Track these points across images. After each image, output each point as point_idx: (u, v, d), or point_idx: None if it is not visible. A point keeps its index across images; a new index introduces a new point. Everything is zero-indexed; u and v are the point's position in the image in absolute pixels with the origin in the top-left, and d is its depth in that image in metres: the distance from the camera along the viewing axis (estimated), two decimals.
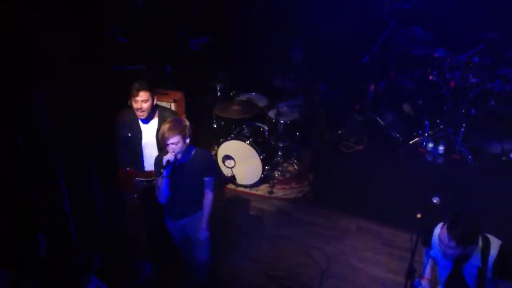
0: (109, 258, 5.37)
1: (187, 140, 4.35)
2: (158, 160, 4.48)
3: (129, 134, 5.08)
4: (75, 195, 5.49)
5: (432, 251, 4.00)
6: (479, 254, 3.68)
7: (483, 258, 3.67)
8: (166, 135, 4.22)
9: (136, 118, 5.03)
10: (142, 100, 4.83)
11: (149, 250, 5.62)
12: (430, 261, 4.16)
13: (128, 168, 5.21)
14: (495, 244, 3.70)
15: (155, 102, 4.98)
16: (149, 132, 5.05)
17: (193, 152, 4.49)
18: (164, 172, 4.31)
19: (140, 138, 5.06)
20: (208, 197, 4.60)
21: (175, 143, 4.24)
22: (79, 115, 6.27)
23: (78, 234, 5.49)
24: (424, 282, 4.15)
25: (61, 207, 5.42)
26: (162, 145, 4.35)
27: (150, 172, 4.98)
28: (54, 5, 5.28)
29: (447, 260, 3.82)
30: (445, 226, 3.58)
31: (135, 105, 4.88)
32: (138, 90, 4.80)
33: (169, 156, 4.28)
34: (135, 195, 5.28)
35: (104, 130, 6.80)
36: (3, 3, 4.59)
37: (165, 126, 4.26)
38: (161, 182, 4.37)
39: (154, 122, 5.05)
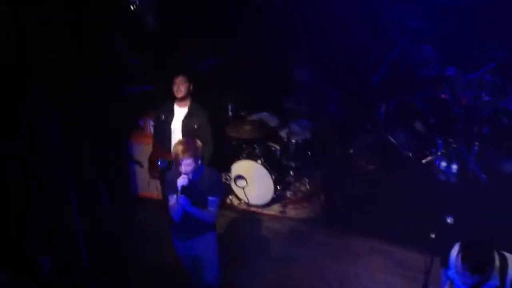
0: (117, 279, 5.37)
1: (199, 161, 4.38)
2: (170, 178, 4.48)
3: (163, 117, 5.94)
4: (86, 214, 5.51)
5: (450, 271, 3.93)
6: (498, 273, 3.63)
7: (502, 277, 3.64)
8: (180, 156, 4.24)
9: (172, 103, 5.95)
10: (180, 82, 5.78)
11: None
12: (448, 282, 4.11)
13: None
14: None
15: (191, 88, 5.86)
16: (178, 116, 5.87)
17: (203, 171, 4.49)
18: (180, 199, 4.32)
19: (170, 122, 5.88)
20: (211, 210, 4.52)
21: (189, 164, 4.27)
22: (92, 135, 6.33)
23: (88, 255, 5.49)
24: None
25: (72, 229, 5.44)
26: (175, 164, 4.35)
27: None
28: (65, 29, 5.38)
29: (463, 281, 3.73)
30: (459, 257, 3.56)
31: (174, 88, 5.81)
32: (178, 75, 5.83)
33: (182, 181, 4.29)
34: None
35: (115, 147, 6.87)
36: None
37: (179, 147, 4.28)
38: (177, 207, 4.38)
39: (185, 109, 5.88)
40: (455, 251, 3.79)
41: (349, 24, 7.94)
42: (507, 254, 3.71)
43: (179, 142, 4.39)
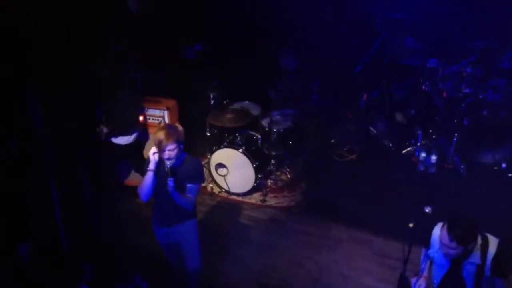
0: (101, 268, 5.34)
1: (181, 146, 4.40)
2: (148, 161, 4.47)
3: None
4: (66, 201, 5.47)
5: (430, 250, 4.05)
6: (479, 251, 3.77)
7: (482, 255, 3.77)
8: (164, 143, 4.24)
9: None
10: None
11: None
12: (427, 262, 4.19)
13: None
14: (493, 242, 3.80)
15: None
16: None
17: (183, 158, 4.49)
18: (151, 165, 4.35)
19: None
20: (190, 196, 4.53)
21: (171, 150, 4.28)
22: (73, 120, 6.27)
23: (68, 243, 5.45)
24: (421, 280, 4.20)
25: (51, 214, 5.39)
26: (158, 150, 4.33)
27: None
28: (50, 12, 5.31)
29: (446, 259, 3.88)
30: (445, 228, 3.68)
31: None
32: None
33: (168, 163, 4.32)
34: None
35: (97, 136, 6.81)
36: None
37: (161, 133, 4.27)
38: (146, 176, 4.39)
39: None
40: (438, 227, 3.91)
41: (332, 14, 7.96)
42: (488, 235, 3.82)
43: (161, 128, 4.37)
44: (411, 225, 4.28)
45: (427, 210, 4.23)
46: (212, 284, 5.45)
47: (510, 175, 6.75)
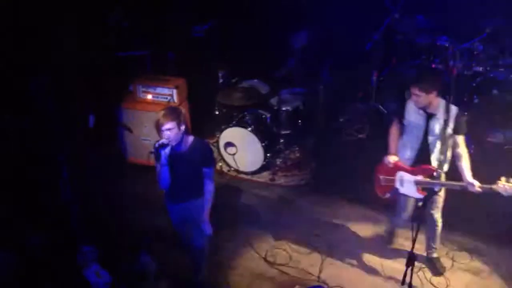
0: (109, 247, 5.40)
1: (182, 127, 4.33)
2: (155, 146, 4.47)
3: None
4: (77, 180, 5.52)
5: (405, 120, 4.83)
6: (443, 108, 4.61)
7: (446, 113, 4.59)
8: (161, 121, 4.23)
9: None
10: None
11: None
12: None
13: None
14: (454, 106, 4.66)
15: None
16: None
17: (191, 142, 4.48)
18: (163, 160, 4.31)
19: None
20: (209, 188, 4.60)
21: (169, 130, 4.24)
22: (82, 101, 6.30)
23: (78, 221, 5.52)
24: (392, 158, 4.88)
25: (62, 193, 5.44)
26: (157, 132, 4.33)
27: None
28: None
29: (420, 117, 4.69)
30: (413, 84, 4.54)
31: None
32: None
33: (163, 140, 4.27)
34: None
35: (108, 116, 6.85)
36: None
37: (160, 113, 4.27)
38: (161, 170, 4.38)
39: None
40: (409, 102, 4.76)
41: None
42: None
43: (162, 109, 4.36)
44: (420, 203, 4.36)
45: (435, 174, 4.54)
46: (220, 261, 5.50)
47: None
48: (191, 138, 4.51)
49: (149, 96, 6.82)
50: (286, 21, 8.21)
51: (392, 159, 4.88)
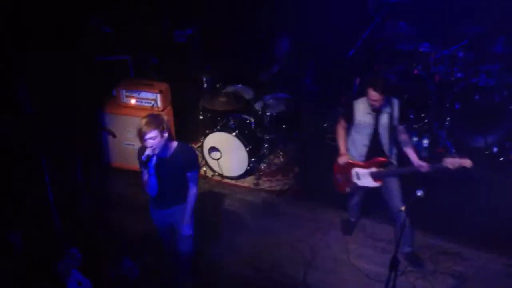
0: (92, 252, 5.35)
1: (165, 135, 4.30)
2: (140, 152, 4.44)
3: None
4: (59, 185, 5.46)
5: (357, 117, 5.11)
6: (388, 104, 5.00)
7: (390, 106, 5.02)
8: (144, 130, 4.20)
9: None
10: None
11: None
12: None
13: None
14: (395, 99, 5.08)
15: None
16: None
17: (174, 147, 4.46)
18: (150, 170, 4.30)
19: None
20: (192, 191, 4.59)
21: (152, 138, 4.21)
22: (64, 104, 6.24)
23: (60, 227, 5.46)
24: (344, 157, 5.28)
25: (44, 199, 5.38)
26: (140, 141, 4.30)
27: None
28: None
29: (370, 116, 5.02)
30: (370, 89, 4.84)
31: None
32: None
33: (148, 151, 4.25)
34: None
35: (89, 120, 6.79)
36: None
37: (143, 121, 4.24)
38: (149, 179, 4.37)
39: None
40: (357, 102, 5.13)
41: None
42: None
43: (144, 117, 4.34)
44: (402, 208, 4.33)
45: (419, 193, 4.27)
46: (205, 267, 5.47)
47: (501, 159, 6.80)
48: (174, 144, 4.49)
49: (133, 101, 6.78)
50: (269, 27, 8.25)
51: (344, 159, 5.30)
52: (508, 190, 6.31)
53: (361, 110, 5.10)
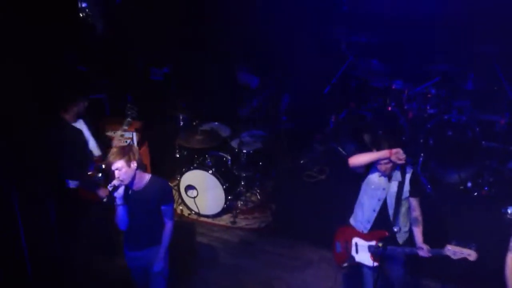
0: None
1: (133, 165, 4.23)
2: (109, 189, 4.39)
3: None
4: (31, 225, 5.33)
5: (369, 180, 4.66)
6: (399, 172, 4.53)
7: (402, 174, 4.52)
8: (110, 160, 4.17)
9: None
10: None
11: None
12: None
13: None
14: (409, 167, 4.59)
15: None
16: None
17: (147, 180, 4.41)
18: (118, 201, 4.24)
19: None
20: (168, 226, 4.53)
21: (119, 169, 4.17)
22: (34, 141, 6.14)
23: (33, 268, 5.31)
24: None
25: (16, 239, 5.25)
26: (108, 172, 4.26)
27: None
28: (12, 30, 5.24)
29: (383, 179, 4.56)
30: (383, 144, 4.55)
31: None
32: None
33: (114, 181, 4.19)
34: None
35: (59, 155, 6.67)
36: None
37: (111, 152, 4.22)
38: (117, 210, 4.30)
39: None
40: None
41: (300, 39, 8.07)
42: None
43: (113, 148, 4.31)
44: (380, 244, 4.33)
45: (396, 229, 4.29)
46: None
47: (475, 194, 6.87)
48: (147, 176, 4.43)
49: None
50: (245, 64, 8.34)
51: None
52: (482, 225, 6.35)
53: (370, 183, 4.67)
